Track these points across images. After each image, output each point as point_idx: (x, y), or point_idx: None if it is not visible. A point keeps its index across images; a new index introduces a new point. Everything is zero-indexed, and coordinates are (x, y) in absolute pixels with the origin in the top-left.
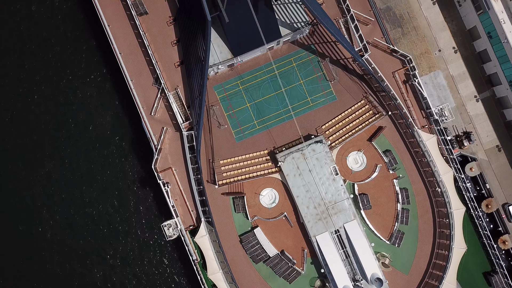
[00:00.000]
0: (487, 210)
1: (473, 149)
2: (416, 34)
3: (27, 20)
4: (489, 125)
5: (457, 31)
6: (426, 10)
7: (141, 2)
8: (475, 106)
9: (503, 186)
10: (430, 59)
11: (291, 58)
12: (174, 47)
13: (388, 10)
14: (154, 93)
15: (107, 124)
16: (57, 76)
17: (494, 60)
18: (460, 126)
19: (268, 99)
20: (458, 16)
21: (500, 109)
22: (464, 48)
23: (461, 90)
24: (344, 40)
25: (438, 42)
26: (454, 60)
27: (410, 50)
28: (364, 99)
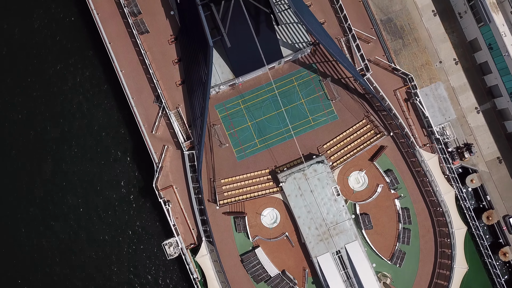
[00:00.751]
0: (488, 222)
1: (474, 161)
2: (417, 46)
3: (29, 36)
4: (490, 136)
5: (458, 43)
6: (427, 22)
7: (142, 21)
8: (476, 118)
9: (504, 198)
10: (431, 71)
11: (293, 77)
12: (176, 65)
13: (389, 22)
14: (155, 111)
15: (108, 140)
16: (58, 92)
17: (495, 72)
18: (461, 137)
19: (270, 118)
20: (459, 28)
21: (501, 121)
22: (465, 59)
23: (462, 101)
24: (345, 61)
25: (439, 54)
26: (455, 71)
27: (410, 61)
28: (366, 118)
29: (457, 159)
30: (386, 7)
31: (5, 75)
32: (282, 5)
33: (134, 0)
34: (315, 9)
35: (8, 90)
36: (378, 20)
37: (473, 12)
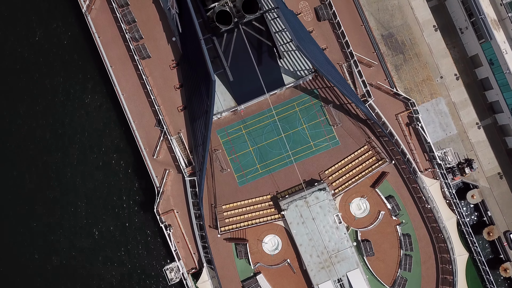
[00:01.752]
0: (489, 238)
1: (474, 176)
2: (418, 61)
3: (31, 50)
4: (491, 152)
5: (459, 58)
6: (428, 37)
7: (144, 46)
8: (476, 133)
9: (505, 213)
10: (431, 86)
11: (294, 103)
12: (177, 91)
13: (390, 37)
14: (157, 134)
15: (109, 161)
16: (60, 112)
17: (496, 89)
18: (462, 153)
19: (271, 143)
20: (460, 43)
21: (502, 136)
22: (466, 75)
23: (463, 117)
24: (347, 89)
25: (440, 69)
26: (456, 87)
27: (411, 76)
28: (367, 144)
29: (458, 174)
30: (387, 22)
31: (7, 88)
32: (284, 38)
33: (136, 26)
34: (316, 35)
35: (9, 105)
36: (379, 35)
37: (474, 29)
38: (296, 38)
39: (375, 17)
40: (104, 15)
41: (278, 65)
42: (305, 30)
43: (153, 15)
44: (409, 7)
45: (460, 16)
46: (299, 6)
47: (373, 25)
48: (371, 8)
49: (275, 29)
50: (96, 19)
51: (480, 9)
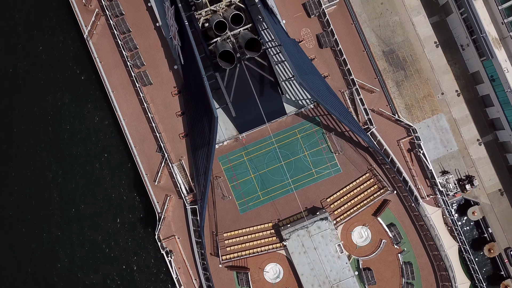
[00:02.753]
0: (489, 255)
1: (475, 193)
2: (419, 77)
3: (34, 66)
4: (492, 169)
5: (460, 74)
6: (429, 53)
7: (145, 73)
8: (477, 150)
9: (506, 230)
10: (433, 102)
11: (296, 130)
12: (179, 118)
13: (391, 53)
14: (158, 160)
15: (109, 187)
16: (60, 134)
17: (497, 106)
18: (463, 169)
19: (273, 170)
20: (461, 60)
21: (503, 153)
22: (467, 91)
23: (464, 133)
24: (348, 119)
25: (441, 85)
26: (457, 103)
27: (412, 93)
28: (369, 171)
29: (459, 191)
30: (388, 38)
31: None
32: (286, 73)
33: (137, 53)
34: (318, 62)
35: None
36: (380, 51)
37: (475, 46)
38: (298, 73)
39: (376, 33)
40: (106, 39)
41: (280, 95)
42: (307, 59)
43: (154, 42)
44: (410, 23)
45: (461, 33)
46: (301, 33)
47: (374, 41)
48: (372, 24)
49: (279, 68)
50: (97, 44)
51: (482, 27)
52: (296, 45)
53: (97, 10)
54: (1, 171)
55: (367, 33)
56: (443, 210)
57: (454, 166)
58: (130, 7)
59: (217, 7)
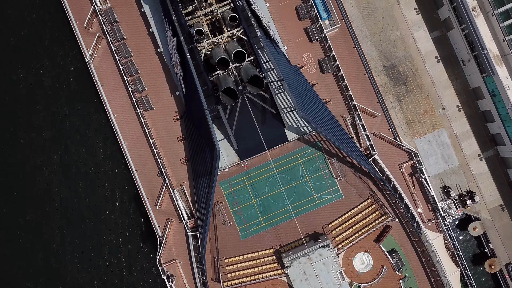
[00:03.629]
0: (490, 270)
1: (476, 209)
2: (420, 92)
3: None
4: (493, 184)
5: (461, 90)
6: (430, 68)
7: (147, 98)
8: (478, 165)
9: (507, 246)
10: (434, 117)
11: (298, 155)
12: (181, 143)
13: (392, 68)
14: (159, 183)
15: (111, 210)
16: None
17: (498, 122)
18: (464, 185)
19: (274, 196)
20: (462, 75)
21: (504, 168)
22: (468, 106)
23: (465, 148)
24: (351, 148)
25: (442, 100)
26: (458, 118)
27: (414, 108)
28: (371, 197)
29: (460, 207)
30: (390, 53)
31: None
32: (288, 105)
33: (139, 78)
34: (320, 87)
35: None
36: (381, 66)
37: (477, 62)
38: (300, 105)
39: (377, 48)
40: (107, 62)
41: (282, 122)
42: (308, 86)
43: (156, 66)
44: (412, 38)
45: (463, 48)
46: (303, 58)
47: (375, 56)
48: (374, 39)
49: (280, 98)
50: (99, 67)
51: (483, 44)
52: (298, 72)
53: (98, 34)
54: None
55: (368, 48)
56: (444, 235)
57: (455, 181)
58: (132, 32)
59: (219, 39)
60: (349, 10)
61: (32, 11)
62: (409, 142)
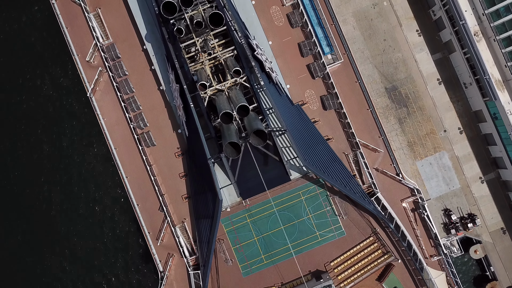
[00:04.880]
0: None
1: (477, 231)
2: (421, 114)
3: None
4: (494, 207)
5: (463, 112)
6: (432, 90)
7: (149, 134)
8: (480, 188)
9: (508, 269)
10: (435, 140)
11: (300, 192)
12: (182, 179)
13: (393, 90)
14: (161, 218)
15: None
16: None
17: (500, 145)
18: (465, 207)
19: (276, 233)
20: (464, 97)
21: (505, 191)
22: (469, 128)
23: (466, 171)
24: (353, 190)
25: (444, 123)
26: (459, 140)
27: (415, 130)
28: (373, 235)
29: (461, 230)
30: (391, 75)
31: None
32: (291, 153)
33: (141, 114)
34: (322, 124)
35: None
36: (383, 87)
37: (478, 86)
38: (302, 152)
39: (378, 70)
40: (109, 96)
41: (283, 162)
42: (311, 125)
43: (158, 102)
44: (413, 60)
45: (464, 71)
46: (305, 94)
47: (377, 78)
48: (375, 61)
49: (282, 142)
50: (100, 100)
51: (485, 69)
52: (300, 112)
53: (100, 69)
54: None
55: (370, 69)
56: (447, 272)
57: (456, 204)
58: (134, 67)
59: (222, 86)
60: (351, 31)
61: (35, 45)
62: (411, 164)
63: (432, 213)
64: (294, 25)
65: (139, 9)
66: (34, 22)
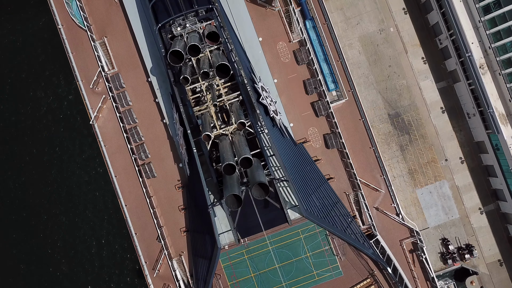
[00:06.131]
0: None
1: (474, 262)
2: (423, 142)
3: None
4: (492, 238)
5: (465, 142)
6: (435, 118)
7: (150, 166)
8: (479, 219)
9: None
10: (436, 168)
11: (299, 230)
12: (181, 212)
13: (396, 116)
14: (158, 248)
15: (109, 271)
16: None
17: (501, 178)
18: (463, 238)
19: (274, 271)
20: (466, 127)
21: (504, 223)
22: (471, 159)
23: (466, 201)
24: (354, 235)
25: (445, 151)
26: (460, 170)
27: (416, 158)
28: (370, 277)
29: (458, 260)
30: (395, 101)
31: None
32: (292, 200)
33: (142, 145)
34: (324, 163)
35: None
36: (386, 113)
37: (482, 118)
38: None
39: (382, 96)
40: (111, 123)
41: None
42: (313, 166)
43: (160, 133)
44: (418, 88)
45: (468, 102)
46: (308, 132)
47: (380, 104)
48: (379, 87)
49: (282, 192)
50: (103, 127)
51: (489, 102)
52: (302, 153)
53: (104, 96)
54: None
55: (374, 95)
56: None
57: (454, 234)
58: (138, 97)
59: (226, 130)
60: (356, 56)
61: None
62: (410, 192)
63: (430, 242)
64: (300, 62)
65: (146, 42)
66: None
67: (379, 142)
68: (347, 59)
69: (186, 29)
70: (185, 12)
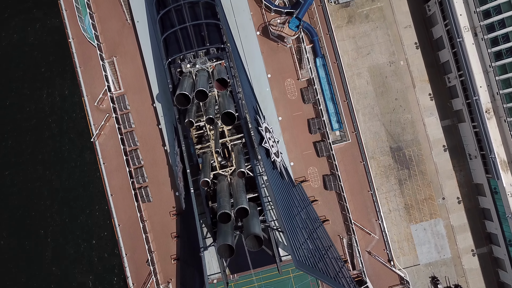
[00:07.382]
0: None
1: None
2: (422, 178)
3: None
4: (482, 281)
5: (464, 182)
6: (436, 156)
7: (146, 190)
8: (470, 260)
9: None
10: (432, 206)
11: (289, 269)
12: (174, 240)
13: (398, 150)
14: (147, 272)
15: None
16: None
17: (496, 223)
18: (453, 278)
19: None
20: (467, 167)
21: (496, 267)
22: (468, 199)
23: (459, 241)
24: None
25: (443, 190)
26: (456, 210)
27: (414, 193)
28: None
29: None
30: (398, 135)
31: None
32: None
33: (141, 169)
34: (321, 204)
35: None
36: (387, 146)
37: (483, 161)
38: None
39: (386, 128)
40: (112, 141)
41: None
42: (310, 208)
43: (160, 158)
44: (422, 123)
45: (471, 143)
46: (308, 171)
47: (383, 136)
48: (384, 119)
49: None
50: (103, 144)
51: (492, 148)
52: (300, 194)
53: (108, 114)
54: None
55: (377, 127)
56: None
57: (444, 273)
58: (141, 120)
59: (225, 172)
60: (364, 86)
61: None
62: (405, 227)
63: (420, 280)
64: (306, 101)
65: (154, 68)
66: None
67: (378, 174)
68: (354, 88)
69: (195, 68)
70: (197, 49)
